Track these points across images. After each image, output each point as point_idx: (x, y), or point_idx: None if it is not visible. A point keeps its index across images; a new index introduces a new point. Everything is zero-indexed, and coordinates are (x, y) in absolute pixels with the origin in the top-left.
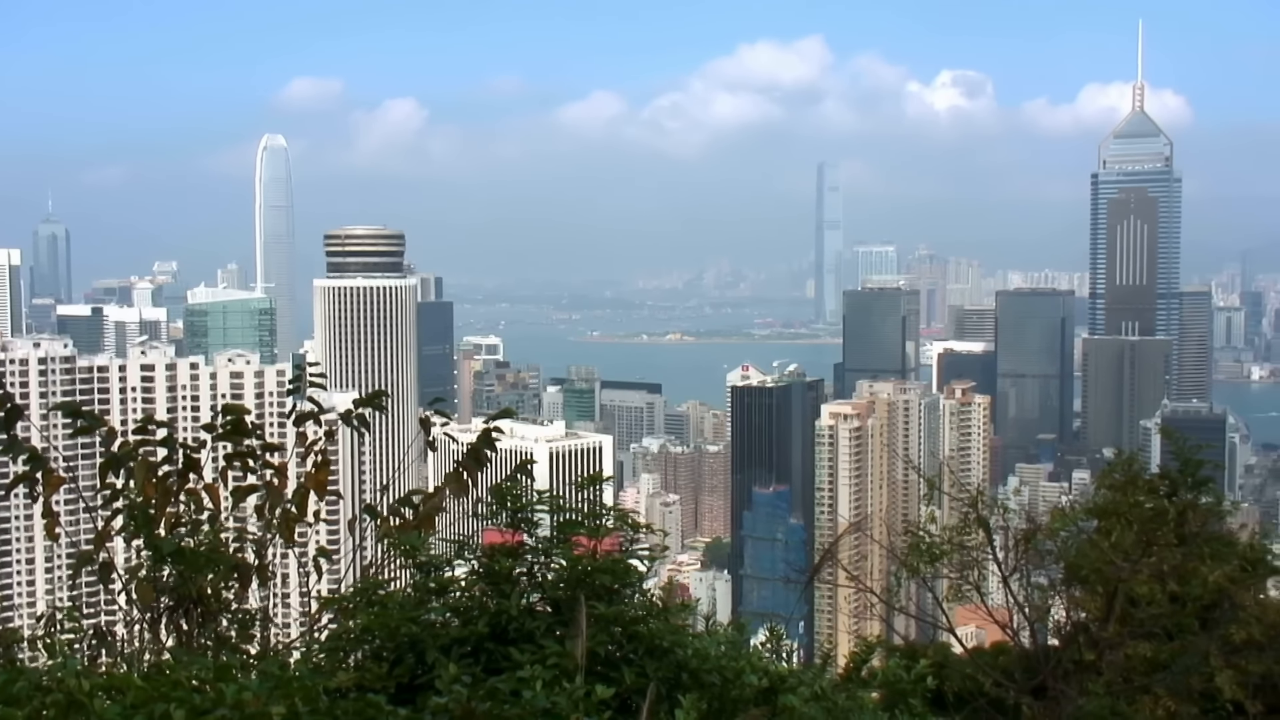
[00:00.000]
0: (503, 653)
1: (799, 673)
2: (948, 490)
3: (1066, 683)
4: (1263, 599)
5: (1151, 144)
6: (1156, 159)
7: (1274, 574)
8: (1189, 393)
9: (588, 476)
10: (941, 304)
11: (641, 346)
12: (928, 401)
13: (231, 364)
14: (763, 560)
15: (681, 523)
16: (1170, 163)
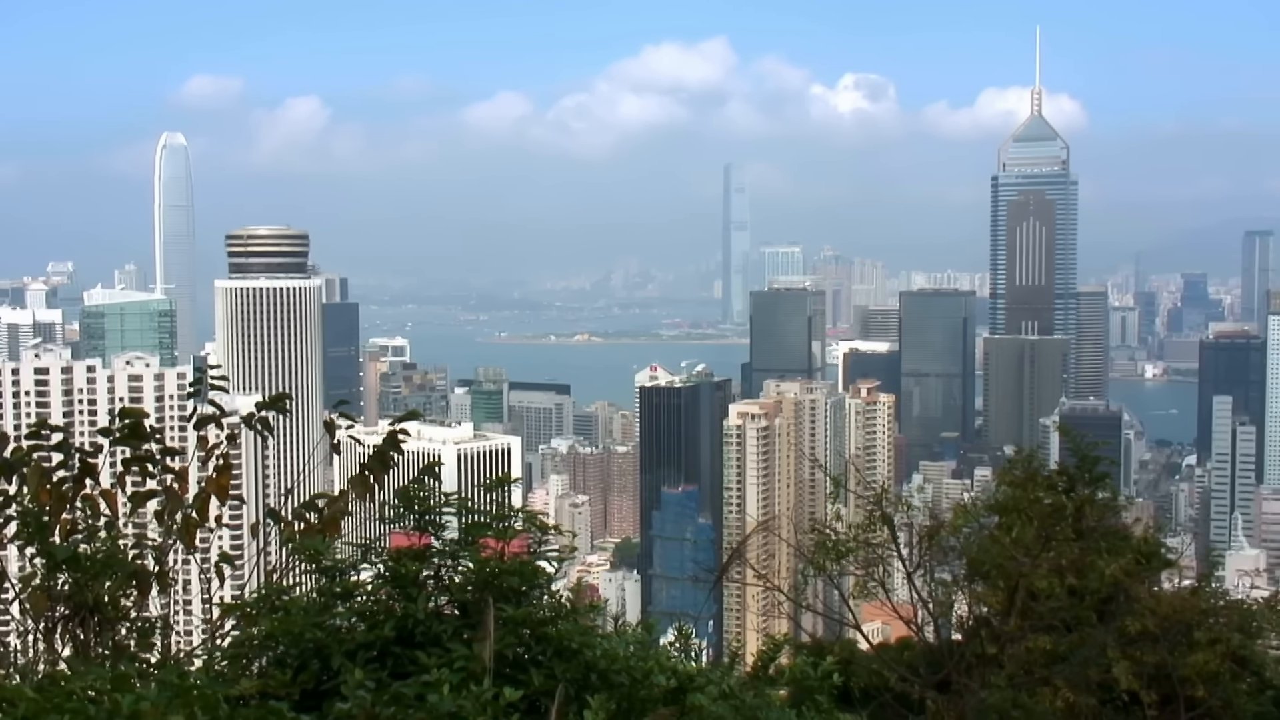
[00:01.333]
0: (409, 657)
1: (707, 672)
2: (853, 489)
3: (969, 676)
4: (1157, 591)
5: (1049, 148)
6: (1054, 162)
7: (1168, 567)
8: (1086, 391)
9: (495, 478)
10: (847, 304)
11: (550, 347)
12: (834, 401)
13: (130, 367)
14: (671, 560)
15: (591, 523)
16: (1067, 166)
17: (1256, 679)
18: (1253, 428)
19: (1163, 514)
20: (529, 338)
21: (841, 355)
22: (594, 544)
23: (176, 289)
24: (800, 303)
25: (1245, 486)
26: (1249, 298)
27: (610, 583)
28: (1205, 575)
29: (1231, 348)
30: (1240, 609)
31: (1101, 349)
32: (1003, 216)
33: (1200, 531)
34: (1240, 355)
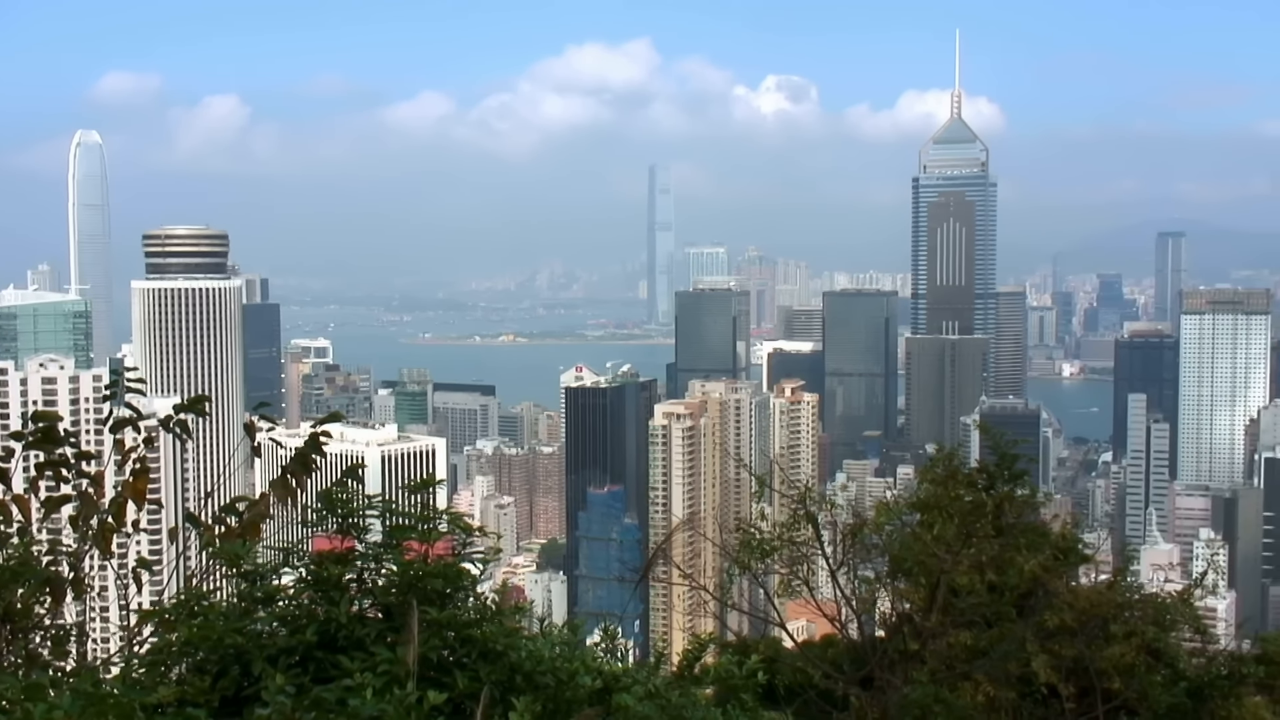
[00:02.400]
0: (332, 661)
1: (633, 672)
2: (778, 487)
3: (892, 672)
4: (1074, 586)
5: (968, 150)
6: (973, 164)
7: (1085, 562)
8: (1005, 389)
9: (419, 480)
10: (771, 304)
11: (474, 348)
12: (758, 400)
13: (43, 369)
14: (598, 560)
15: (516, 524)
16: (986, 168)
17: (1170, 671)
18: (1166, 425)
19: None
20: (453, 338)
21: (766, 355)
22: (520, 545)
23: (92, 290)
24: (725, 303)
25: (1159, 482)
26: (1162, 297)
27: (536, 584)
28: (1121, 570)
29: (1146, 347)
30: (1155, 603)
31: (1020, 348)
32: (924, 217)
33: (1116, 527)
34: (1154, 354)
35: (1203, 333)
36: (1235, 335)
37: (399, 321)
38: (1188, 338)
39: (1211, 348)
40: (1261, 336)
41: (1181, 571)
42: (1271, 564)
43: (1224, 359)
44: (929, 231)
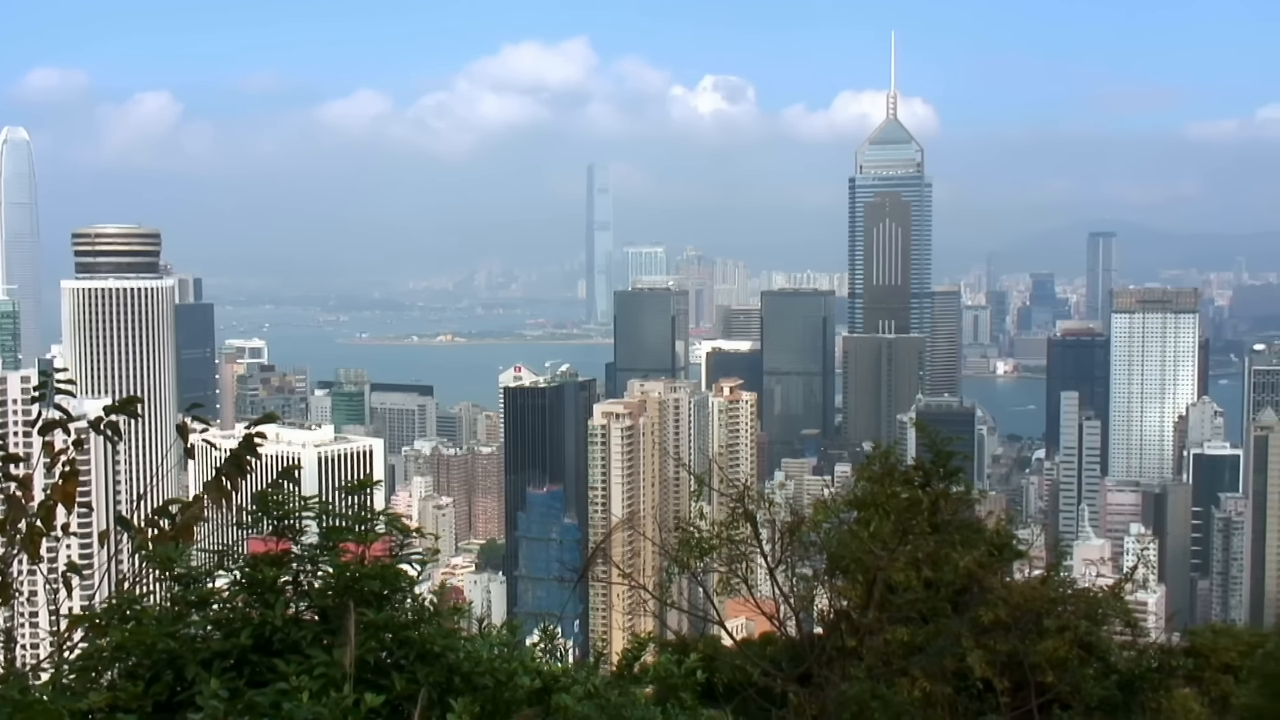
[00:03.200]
0: (268, 665)
1: (572, 672)
2: (716, 486)
3: (830, 669)
4: (1008, 582)
5: (904, 150)
6: (909, 165)
7: (1019, 558)
8: (941, 388)
9: (356, 481)
10: (709, 304)
11: (412, 348)
12: (697, 400)
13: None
14: (537, 561)
15: (455, 525)
16: (921, 169)
17: (1102, 664)
18: (1098, 422)
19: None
20: (391, 339)
21: (704, 354)
22: (458, 546)
23: (20, 289)
24: (663, 303)
25: (1091, 479)
26: (1094, 297)
27: (475, 585)
28: (1054, 565)
29: (1078, 345)
30: (1087, 597)
31: (955, 347)
32: (860, 218)
33: (1049, 523)
34: (1086, 352)
35: (1133, 331)
36: (1164, 334)
37: (336, 321)
38: (1118, 336)
39: (1141, 346)
40: (1189, 335)
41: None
42: (1199, 558)
43: (1153, 357)
44: (865, 231)
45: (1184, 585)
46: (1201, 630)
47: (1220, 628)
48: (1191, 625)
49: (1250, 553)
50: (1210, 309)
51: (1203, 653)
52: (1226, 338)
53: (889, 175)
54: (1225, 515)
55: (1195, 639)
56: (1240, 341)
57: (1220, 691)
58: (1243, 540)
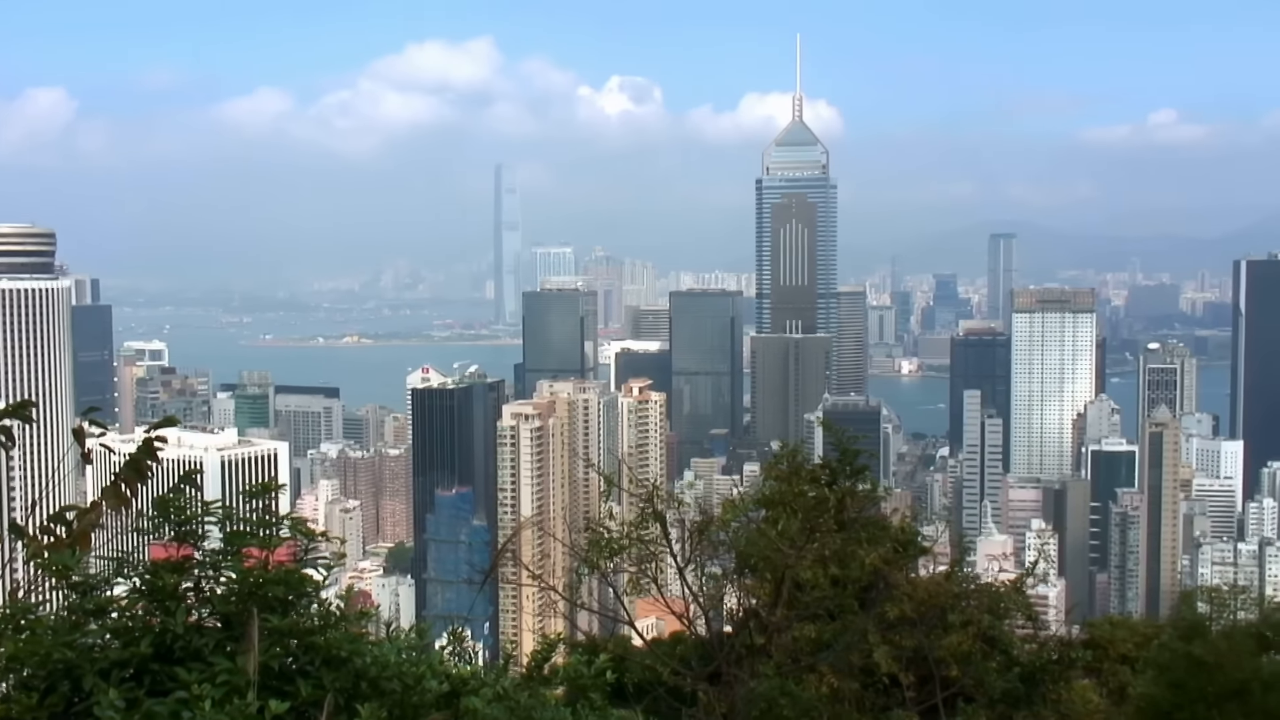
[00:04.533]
0: (169, 673)
1: (481, 674)
2: (626, 487)
3: (739, 667)
4: (914, 578)
5: (809, 152)
6: (814, 167)
7: (923, 554)
8: (847, 387)
9: (260, 484)
10: (618, 304)
11: (318, 349)
12: (606, 400)
13: None
14: (446, 563)
15: (363, 528)
16: (827, 170)
17: (1005, 657)
18: (999, 420)
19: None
20: (295, 340)
21: (613, 355)
22: (366, 549)
23: None
24: (572, 303)
25: (993, 476)
26: (995, 296)
27: (384, 588)
28: (957, 561)
29: (980, 344)
30: (989, 592)
31: (861, 346)
32: (767, 219)
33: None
34: (988, 351)
35: (1032, 330)
36: (1063, 332)
37: (239, 323)
38: (1019, 335)
39: (1041, 345)
40: (1087, 334)
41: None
42: (1098, 552)
43: (1052, 355)
44: (772, 232)
45: (1083, 579)
46: (1100, 623)
47: (1117, 620)
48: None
49: (1146, 546)
50: (1107, 309)
51: (1101, 644)
52: (1122, 337)
53: (795, 177)
54: (1122, 510)
55: (1094, 631)
56: (1135, 341)
57: (1118, 682)
58: (1139, 534)
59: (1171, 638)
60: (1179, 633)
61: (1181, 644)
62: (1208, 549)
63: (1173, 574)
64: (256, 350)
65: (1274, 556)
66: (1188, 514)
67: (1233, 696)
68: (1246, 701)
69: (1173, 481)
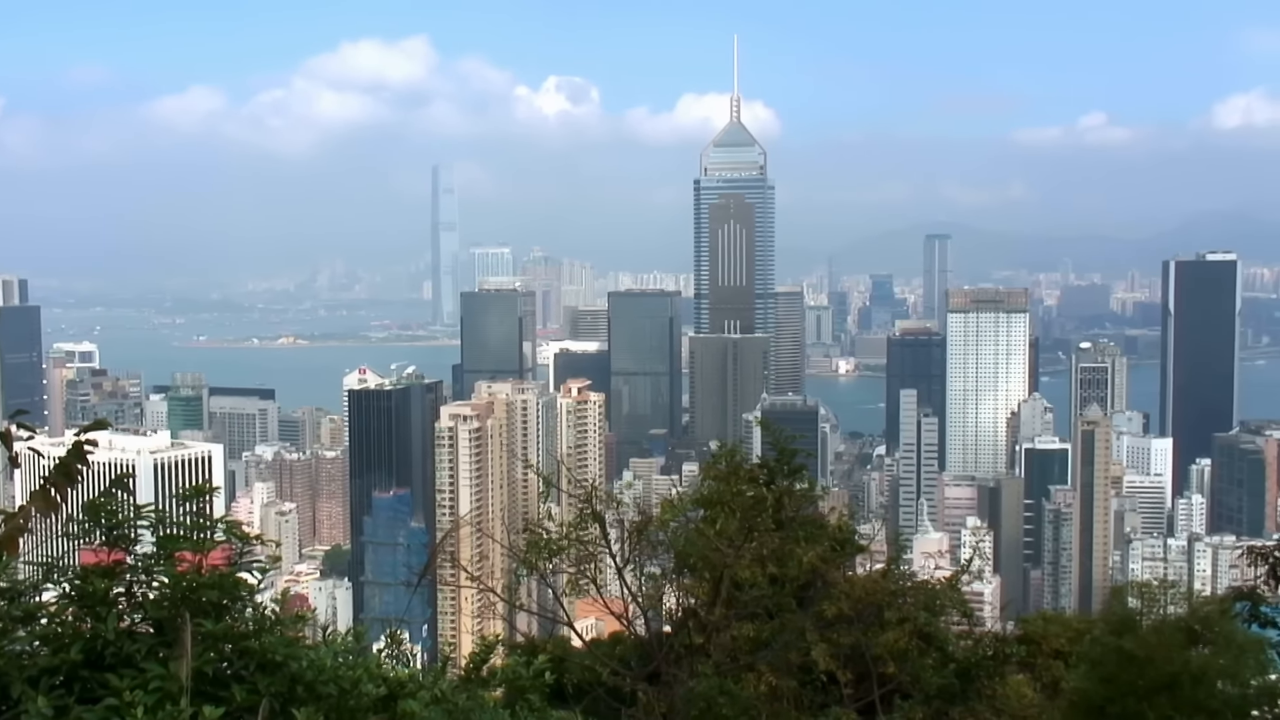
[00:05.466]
0: (100, 680)
1: (419, 677)
2: (565, 487)
3: (678, 666)
4: (851, 576)
5: (747, 153)
6: (752, 168)
7: (860, 552)
8: (785, 387)
9: (193, 487)
10: (557, 305)
11: (252, 351)
12: (545, 401)
13: None
14: (384, 565)
15: (299, 531)
16: (764, 171)
17: (941, 654)
18: (935, 419)
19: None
20: (230, 341)
21: (552, 355)
22: (302, 552)
23: None
24: (510, 304)
25: (929, 474)
26: (930, 297)
27: (320, 591)
28: (894, 559)
29: (915, 344)
30: (926, 589)
31: (799, 346)
32: (705, 219)
33: (890, 517)
34: (924, 351)
35: (967, 330)
36: (997, 332)
37: (171, 324)
38: (954, 335)
39: (975, 344)
40: (1020, 333)
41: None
42: (1031, 549)
43: (987, 355)
44: (710, 233)
45: (1017, 575)
46: (1033, 618)
47: (1051, 615)
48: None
49: (1079, 543)
50: (1039, 309)
51: (1035, 640)
52: (1055, 336)
53: (733, 177)
54: (1055, 507)
55: (1028, 627)
56: (1067, 340)
57: (1051, 677)
58: (1071, 531)
59: (1103, 632)
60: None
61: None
62: (1138, 545)
63: (1104, 570)
64: (190, 352)
65: (1202, 552)
66: (1119, 510)
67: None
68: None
69: (1104, 479)
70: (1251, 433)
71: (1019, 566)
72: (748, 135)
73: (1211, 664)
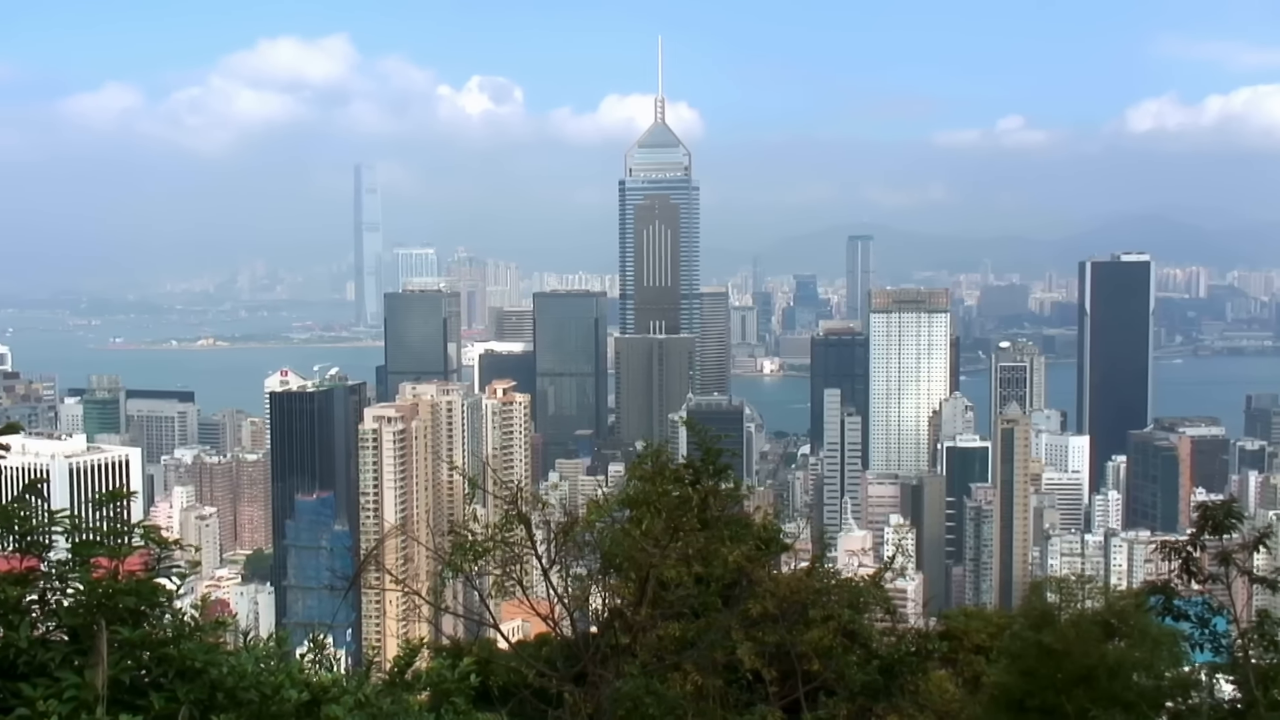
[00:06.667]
0: (12, 689)
1: (342, 681)
2: (490, 489)
3: (605, 667)
4: (776, 574)
5: (672, 154)
6: (677, 168)
7: (785, 550)
8: (711, 386)
9: (110, 492)
10: (482, 305)
11: (171, 353)
12: (470, 402)
13: None
14: (307, 569)
15: (220, 535)
16: (689, 172)
17: (864, 650)
18: (859, 418)
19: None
20: (148, 343)
21: (477, 356)
22: (224, 557)
23: None
24: (435, 304)
25: (853, 472)
26: (853, 297)
27: (242, 596)
28: (818, 557)
29: (839, 344)
30: (849, 586)
31: (724, 346)
32: (630, 220)
33: (814, 516)
34: (847, 351)
35: (889, 330)
36: (918, 332)
37: (87, 326)
38: (876, 335)
39: (898, 344)
40: (941, 333)
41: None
42: (953, 546)
43: (909, 354)
44: (636, 233)
45: (939, 572)
46: (955, 614)
47: (972, 611)
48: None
49: (999, 539)
50: (960, 309)
51: (956, 635)
52: (975, 336)
53: (658, 178)
54: (976, 504)
55: (949, 623)
56: (987, 339)
57: (973, 671)
58: (992, 527)
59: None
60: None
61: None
62: (1057, 540)
63: (1024, 565)
64: (106, 354)
65: (1118, 547)
66: (1038, 507)
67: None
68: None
69: (1023, 476)
70: (1165, 430)
71: (941, 563)
72: (672, 136)
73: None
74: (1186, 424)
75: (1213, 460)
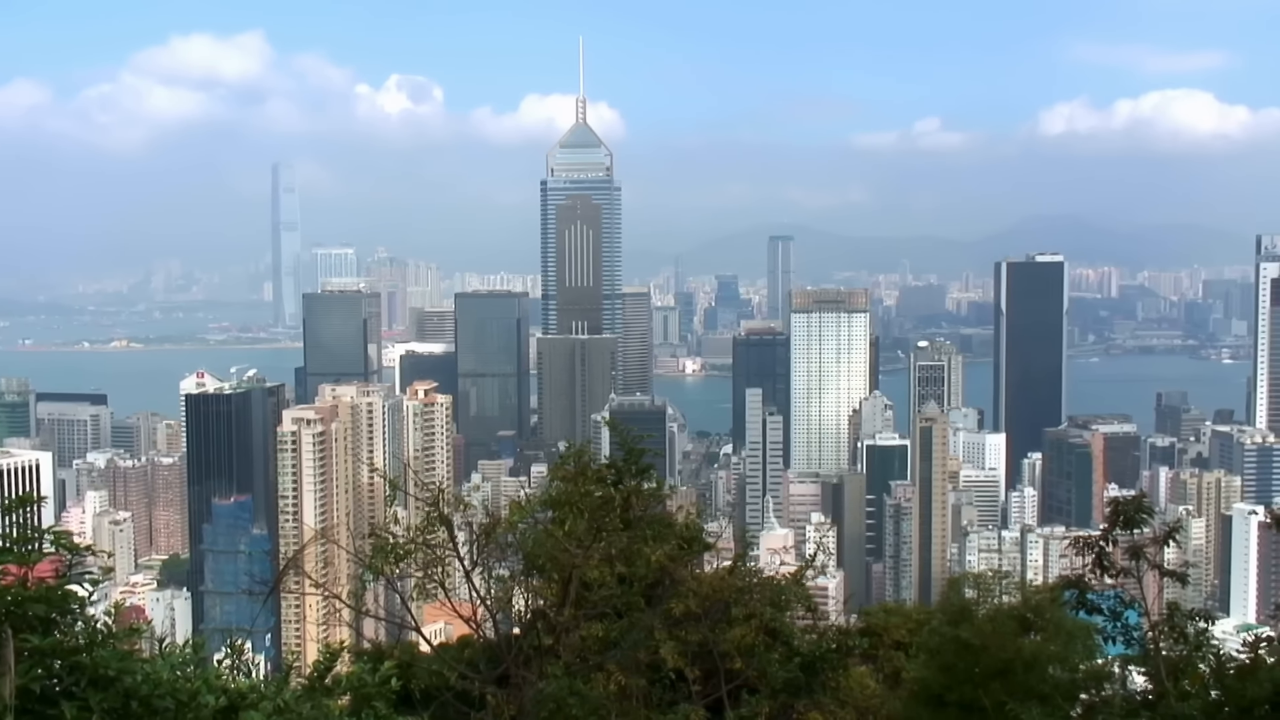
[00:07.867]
0: None
1: (260, 687)
2: (412, 491)
3: (528, 668)
4: (698, 574)
5: (594, 154)
6: (599, 169)
7: (707, 550)
8: (633, 387)
9: (19, 497)
10: (402, 306)
11: (83, 355)
12: (391, 403)
13: None
14: (225, 574)
15: (134, 540)
16: (611, 172)
17: (786, 648)
18: (780, 417)
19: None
20: (58, 345)
21: (398, 357)
22: (138, 562)
23: None
24: (354, 305)
25: (775, 471)
26: (774, 297)
27: (158, 602)
28: (741, 556)
29: (760, 344)
30: (771, 585)
31: (646, 347)
32: (552, 220)
33: (736, 515)
34: (768, 350)
35: (810, 330)
36: (839, 332)
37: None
38: (797, 335)
39: (818, 344)
40: (861, 332)
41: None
42: (874, 543)
43: (829, 354)
44: (557, 234)
45: (860, 569)
46: (875, 611)
47: (892, 608)
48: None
49: (918, 536)
50: (879, 308)
51: (877, 632)
52: (894, 335)
53: (580, 179)
54: (895, 502)
55: (870, 619)
56: (906, 339)
57: (893, 667)
58: (911, 525)
59: (941, 623)
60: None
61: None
62: (974, 537)
63: (943, 562)
64: (14, 356)
65: (1034, 542)
66: (956, 504)
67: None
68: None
69: (942, 473)
70: (1079, 427)
71: (861, 560)
72: (594, 136)
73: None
74: (1099, 421)
75: (1125, 457)
